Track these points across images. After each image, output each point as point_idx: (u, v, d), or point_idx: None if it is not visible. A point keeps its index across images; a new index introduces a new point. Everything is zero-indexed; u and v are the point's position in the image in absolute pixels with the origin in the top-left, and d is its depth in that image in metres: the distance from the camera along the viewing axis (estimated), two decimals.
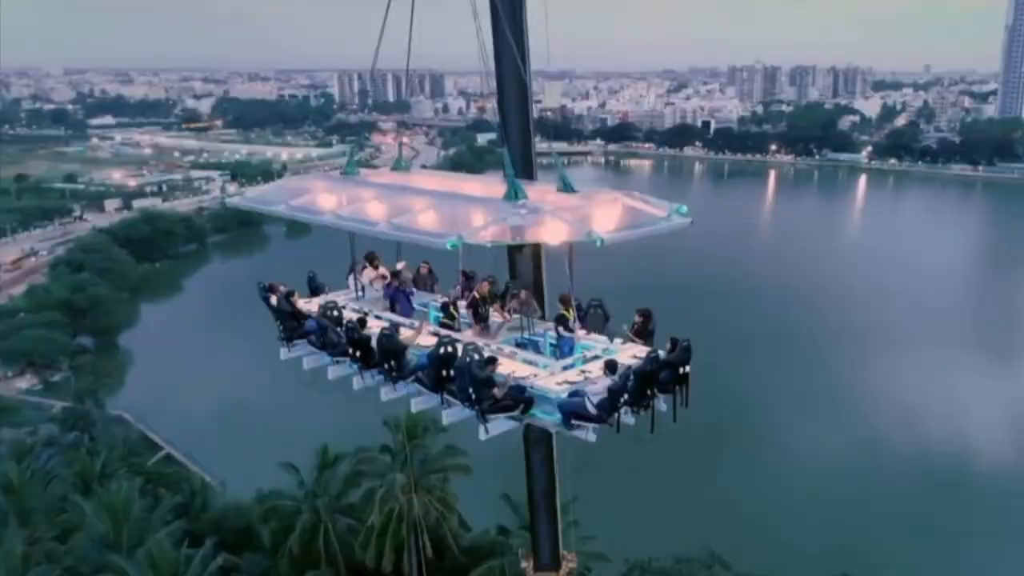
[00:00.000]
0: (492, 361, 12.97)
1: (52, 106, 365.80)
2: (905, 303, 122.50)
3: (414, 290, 17.09)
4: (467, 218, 12.52)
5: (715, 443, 69.34)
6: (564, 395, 13.07)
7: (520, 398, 13.09)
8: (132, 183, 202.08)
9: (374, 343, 14.12)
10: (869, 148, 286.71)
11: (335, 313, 14.87)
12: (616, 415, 12.97)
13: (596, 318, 15.67)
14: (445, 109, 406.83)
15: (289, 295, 15.69)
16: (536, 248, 20.66)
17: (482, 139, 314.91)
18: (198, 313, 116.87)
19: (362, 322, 14.51)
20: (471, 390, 12.86)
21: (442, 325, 16.28)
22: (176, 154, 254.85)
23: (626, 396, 12.90)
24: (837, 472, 70.01)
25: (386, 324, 14.88)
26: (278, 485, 47.39)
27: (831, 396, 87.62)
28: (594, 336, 15.21)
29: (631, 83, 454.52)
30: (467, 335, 15.04)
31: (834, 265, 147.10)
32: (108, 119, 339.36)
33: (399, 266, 17.07)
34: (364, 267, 17.35)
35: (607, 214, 13.49)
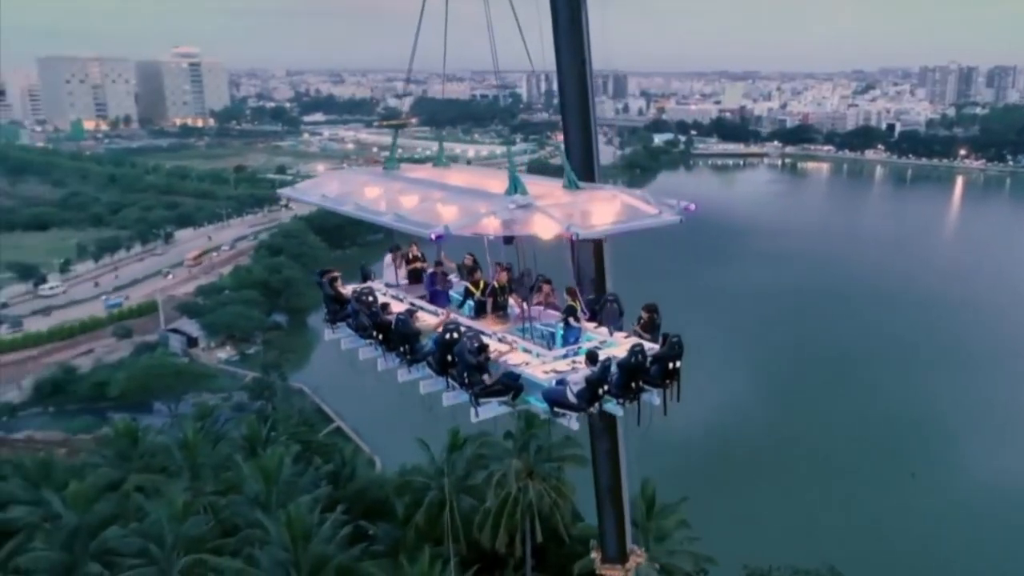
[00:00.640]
0: (484, 348, 13.63)
1: (273, 104, 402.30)
2: None
3: (453, 281, 17.97)
4: (462, 211, 13.27)
5: (862, 456, 65.84)
6: (552, 383, 13.51)
7: (510, 384, 13.67)
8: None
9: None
10: None
11: (369, 298, 16.08)
12: (597, 405, 13.26)
13: (611, 312, 15.90)
14: (625, 109, 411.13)
15: (332, 280, 17.11)
16: (598, 244, 21.05)
17: (659, 139, 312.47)
18: None
19: (384, 307, 15.63)
20: (465, 374, 13.63)
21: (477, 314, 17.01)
22: (375, 149, 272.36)
23: (607, 387, 13.17)
24: (1002, 498, 64.01)
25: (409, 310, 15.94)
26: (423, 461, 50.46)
27: (1007, 415, 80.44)
28: (600, 329, 15.47)
29: (816, 84, 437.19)
30: (483, 323, 15.76)
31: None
32: (319, 116, 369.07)
33: (441, 257, 18.05)
34: (402, 256, 18.49)
35: (604, 210, 13.80)
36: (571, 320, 14.91)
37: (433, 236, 12.43)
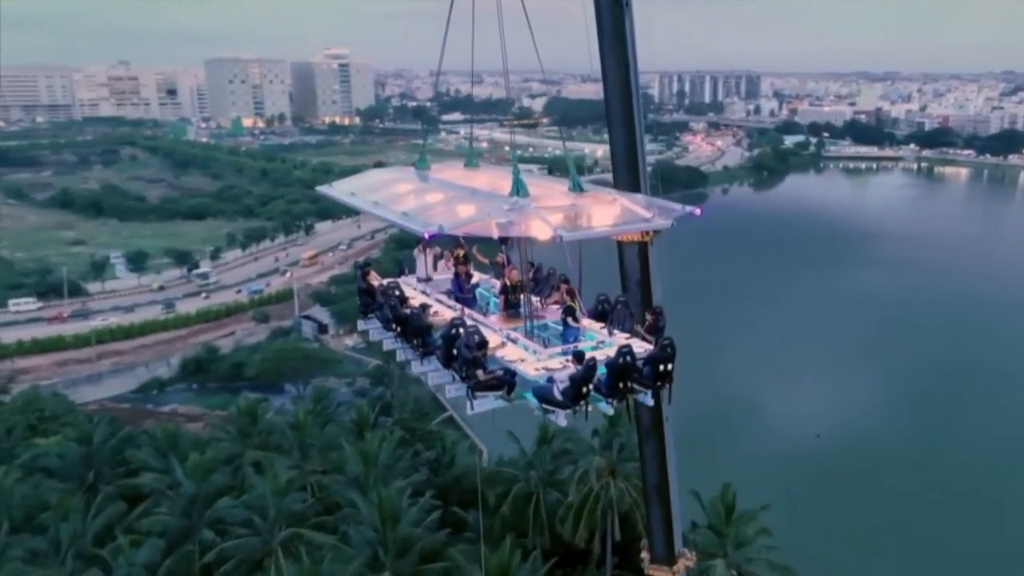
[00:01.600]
0: (483, 345, 14.16)
1: (414, 103, 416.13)
2: None
3: (479, 280, 18.48)
4: (461, 211, 13.90)
5: (987, 481, 61.34)
6: (543, 380, 13.90)
7: (504, 379, 14.14)
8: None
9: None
10: None
11: (395, 292, 16.95)
12: (583, 403, 13.53)
13: (622, 314, 16.03)
14: (757, 110, 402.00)
15: (365, 274, 18.13)
16: (643, 247, 21.13)
17: (789, 141, 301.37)
18: None
19: (403, 301, 16.45)
20: (463, 368, 14.24)
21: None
22: (506, 148, 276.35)
23: (592, 386, 13.42)
24: None
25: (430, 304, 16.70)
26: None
27: None
28: (602, 329, 15.66)
29: (960, 85, 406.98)
30: (494, 320, 16.28)
31: None
32: (457, 115, 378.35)
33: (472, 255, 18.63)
34: (442, 254, 19.18)
35: (602, 213, 14.06)
36: (570, 320, 15.22)
37: (426, 235, 13.12)
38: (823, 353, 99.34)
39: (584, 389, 13.34)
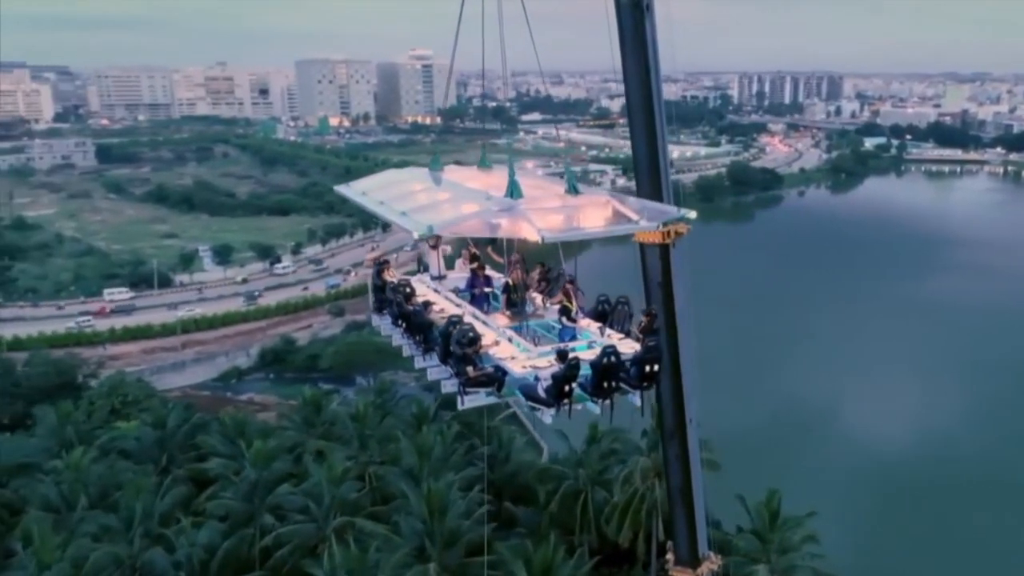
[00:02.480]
0: (474, 342, 14.53)
1: (494, 104, 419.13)
2: None
3: (491, 280, 18.81)
4: (455, 211, 14.34)
5: None
6: (529, 378, 14.20)
7: (494, 376, 14.49)
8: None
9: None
10: None
11: (407, 289, 17.47)
12: (566, 401, 13.78)
13: (621, 315, 16.15)
14: (837, 112, 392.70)
15: (380, 271, 18.70)
16: (665, 250, 21.14)
17: (870, 143, 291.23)
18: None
19: (408, 297, 16.95)
20: (455, 365, 14.67)
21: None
22: (583, 148, 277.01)
23: (574, 385, 13.64)
24: None
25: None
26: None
27: None
28: (598, 328, 15.81)
29: None
30: (495, 318, 16.63)
31: None
32: (535, 115, 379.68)
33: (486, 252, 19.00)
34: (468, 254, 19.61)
35: (594, 215, 14.27)
36: (564, 319, 15.46)
37: (415, 235, 13.61)
38: (901, 360, 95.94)
39: (567, 387, 13.58)
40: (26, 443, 55.62)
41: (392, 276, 18.57)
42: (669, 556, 25.09)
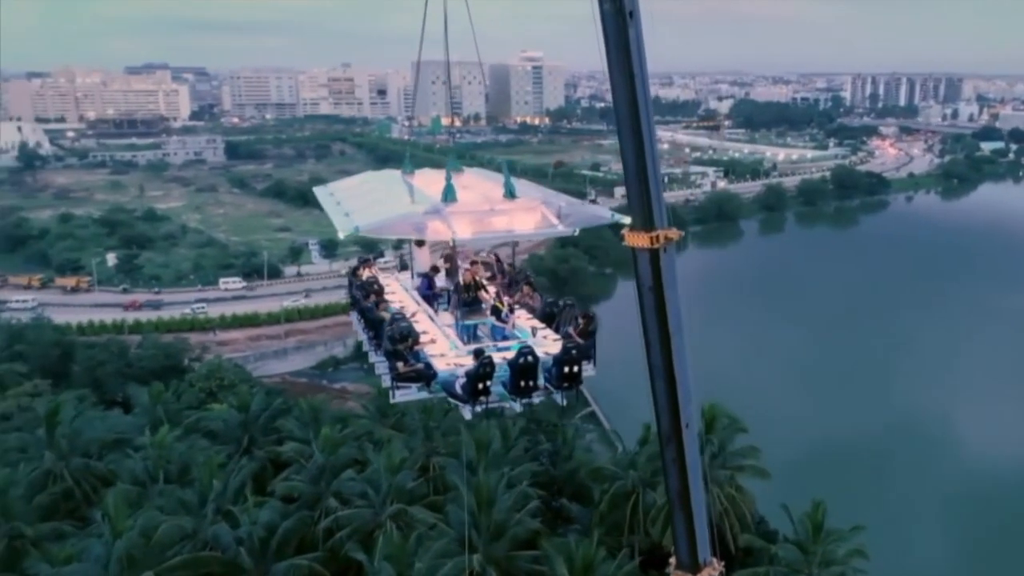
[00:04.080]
0: (405, 338, 15.11)
1: (603, 104, 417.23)
2: None
3: (441, 282, 19.16)
4: (387, 213, 14.98)
5: None
6: (454, 375, 14.66)
7: (423, 372, 15.03)
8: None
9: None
10: None
11: (375, 286, 18.17)
12: (482, 398, 14.17)
13: (567, 317, 16.32)
14: (954, 115, 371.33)
15: (355, 269, 19.50)
16: (654, 254, 21.00)
17: (987, 147, 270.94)
18: None
19: (367, 295, 17.64)
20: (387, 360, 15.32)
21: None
22: (687, 150, 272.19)
23: (489, 383, 14.01)
24: None
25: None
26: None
27: None
28: (530, 328, 16.02)
29: None
30: (444, 317, 17.13)
31: None
32: None
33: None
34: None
35: (521, 219, 14.60)
36: (496, 319, 15.82)
37: (341, 235, 14.34)
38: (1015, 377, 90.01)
39: (481, 385, 13.98)
40: (123, 420, 60.00)
41: (369, 274, 19.36)
42: (671, 561, 24.71)
